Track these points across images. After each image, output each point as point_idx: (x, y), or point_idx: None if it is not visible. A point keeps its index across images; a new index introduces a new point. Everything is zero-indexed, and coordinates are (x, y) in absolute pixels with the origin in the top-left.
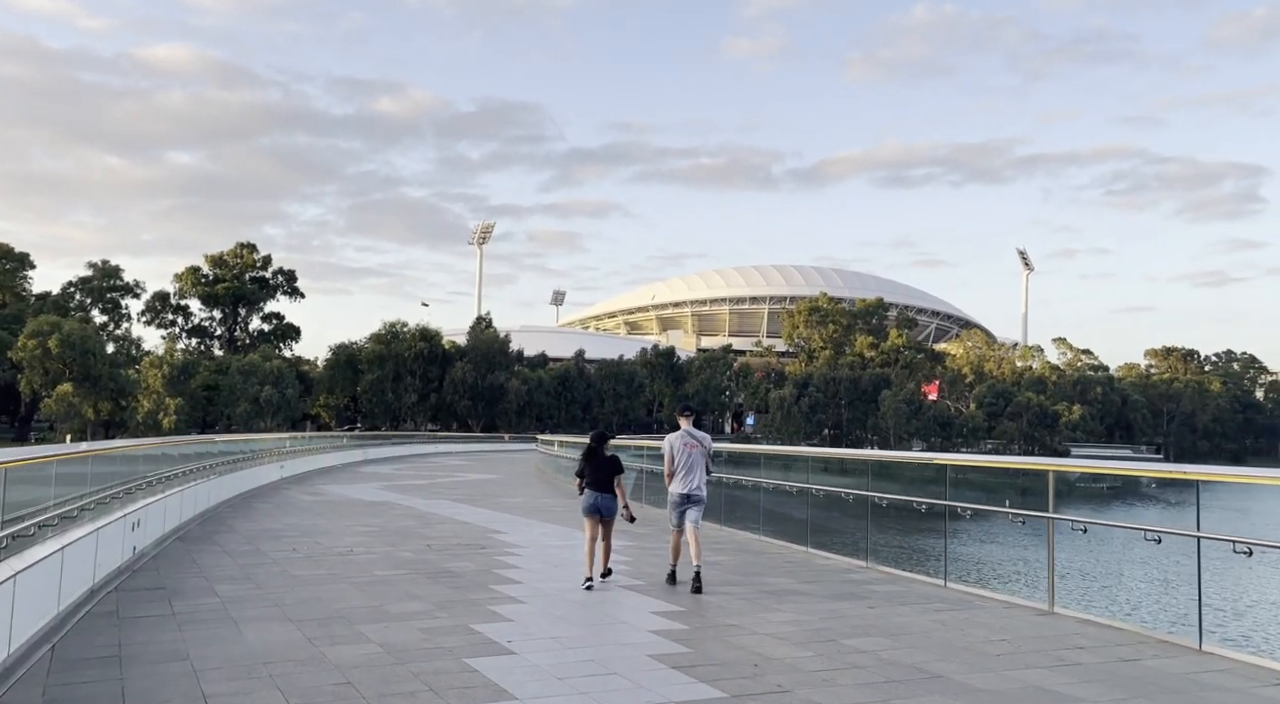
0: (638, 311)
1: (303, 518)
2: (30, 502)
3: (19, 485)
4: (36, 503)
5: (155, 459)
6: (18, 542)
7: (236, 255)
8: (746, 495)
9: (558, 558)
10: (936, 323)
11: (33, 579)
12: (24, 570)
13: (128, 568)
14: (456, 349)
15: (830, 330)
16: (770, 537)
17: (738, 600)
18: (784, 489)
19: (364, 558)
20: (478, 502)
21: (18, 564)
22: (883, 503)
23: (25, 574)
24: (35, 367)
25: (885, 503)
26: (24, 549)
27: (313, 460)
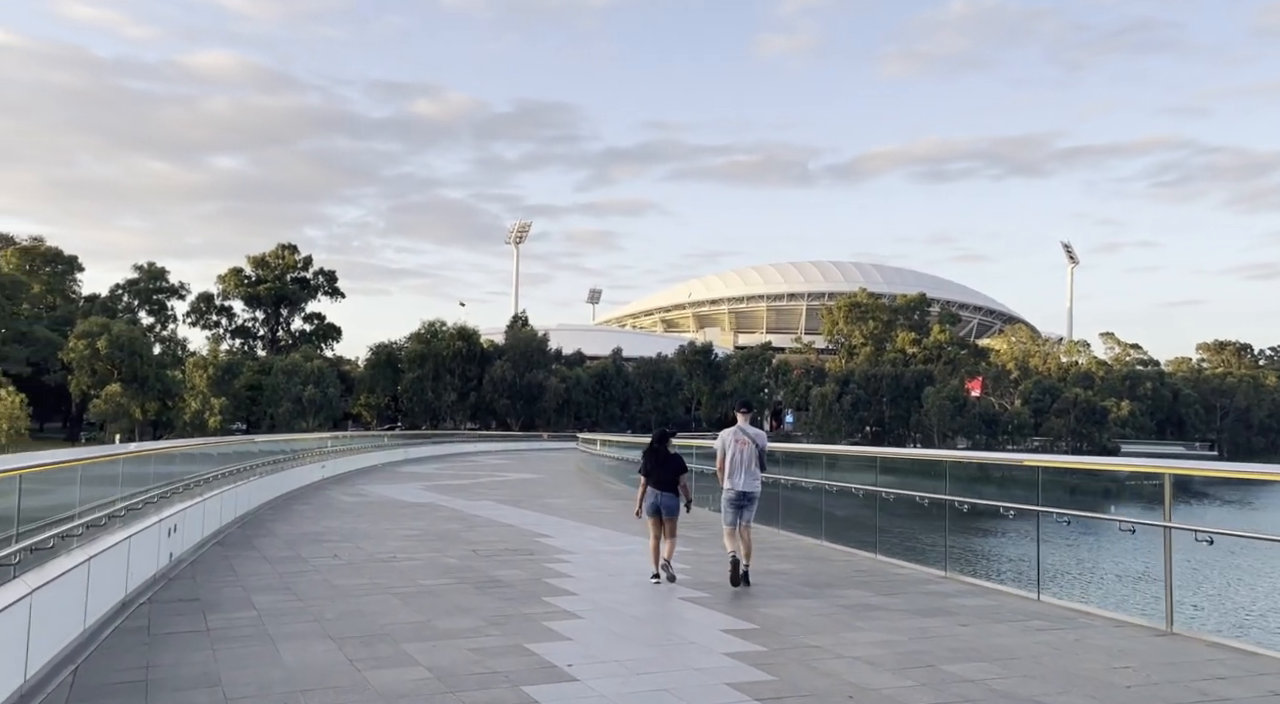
0: (674, 309)
1: (344, 520)
2: (53, 510)
3: (39, 493)
4: (60, 511)
5: (194, 460)
6: (36, 555)
7: (278, 256)
8: (805, 498)
9: (611, 565)
10: (979, 318)
11: (54, 596)
12: (42, 587)
13: (163, 576)
14: (495, 348)
15: (871, 326)
16: (834, 542)
17: (814, 616)
18: (848, 492)
19: (408, 565)
20: (521, 503)
21: (35, 581)
22: (963, 508)
23: (44, 591)
24: (84, 367)
25: (965, 507)
26: (44, 563)
27: (354, 460)
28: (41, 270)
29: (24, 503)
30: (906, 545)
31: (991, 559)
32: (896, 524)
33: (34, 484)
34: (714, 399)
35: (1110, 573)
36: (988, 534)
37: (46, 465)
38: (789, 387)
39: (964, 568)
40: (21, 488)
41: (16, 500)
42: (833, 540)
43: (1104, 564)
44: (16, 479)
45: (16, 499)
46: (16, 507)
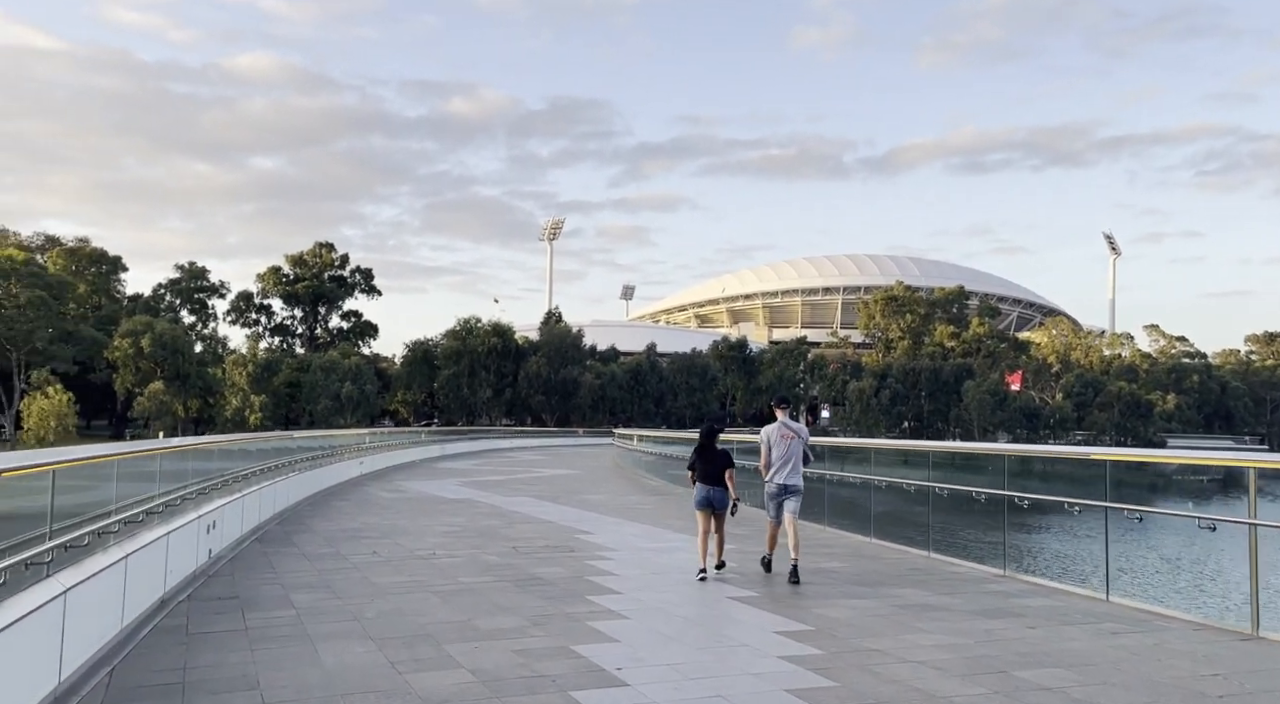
0: (708, 304)
1: (383, 517)
2: (90, 506)
3: (74, 489)
4: (97, 508)
5: (232, 456)
6: (71, 553)
7: (315, 255)
8: (852, 494)
9: (653, 563)
10: (1019, 311)
11: (89, 595)
12: (77, 586)
13: (202, 574)
14: (529, 344)
15: (908, 320)
16: (883, 539)
17: (871, 617)
18: (898, 487)
19: (447, 562)
20: (560, 499)
21: (69, 579)
22: (1023, 504)
23: (79, 590)
24: (129, 366)
25: (1026, 503)
26: (80, 561)
27: (392, 456)
28: (87, 271)
29: (58, 500)
30: (959, 542)
31: (1050, 557)
32: (948, 520)
33: (68, 480)
34: (749, 394)
35: (1162, 569)
36: (1042, 531)
37: (80, 460)
38: (825, 381)
39: (1023, 566)
40: (55, 484)
41: (50, 497)
42: (882, 537)
43: (1153, 561)
44: (49, 475)
45: (50, 496)
46: (50, 503)
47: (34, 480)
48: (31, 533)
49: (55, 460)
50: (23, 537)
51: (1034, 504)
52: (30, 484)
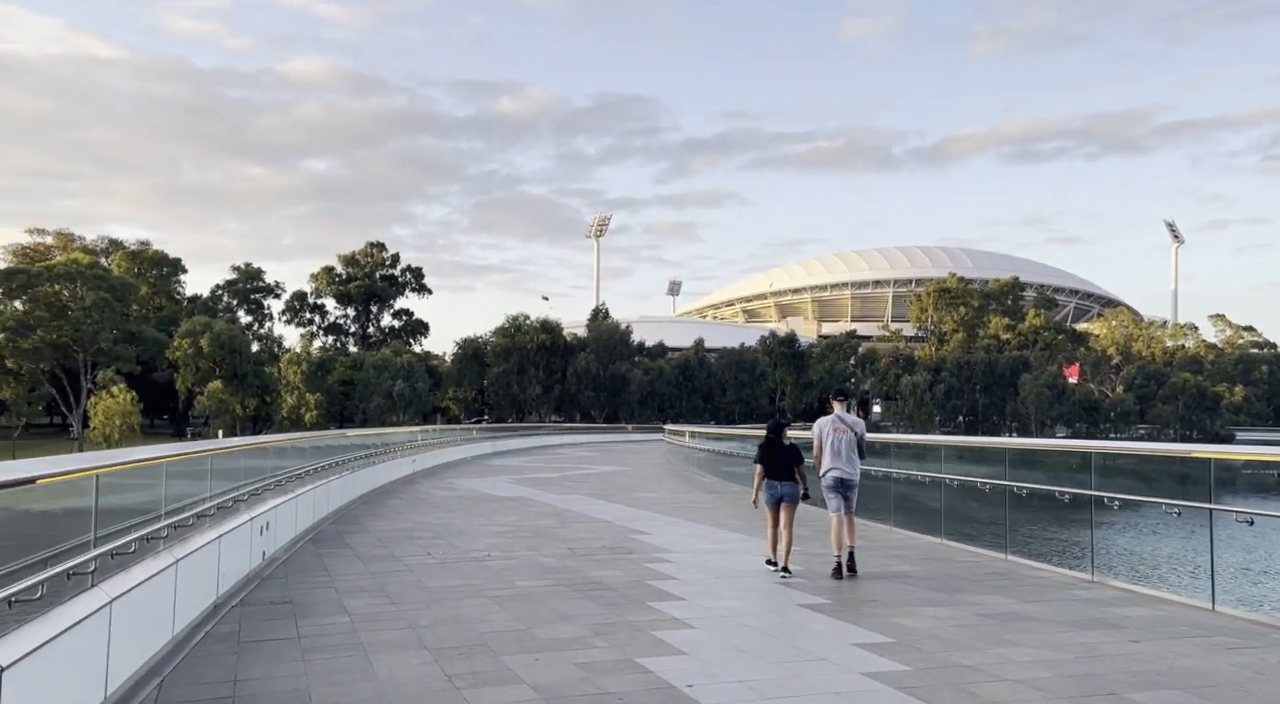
0: (755, 299)
1: (436, 516)
2: (137, 511)
3: (121, 493)
4: (144, 512)
5: (285, 455)
6: (118, 561)
7: (367, 255)
8: (920, 493)
9: (716, 566)
10: (1076, 302)
11: (136, 604)
12: (123, 596)
13: (256, 576)
14: (578, 341)
15: (962, 312)
16: (955, 541)
17: (954, 628)
18: (971, 486)
19: (503, 564)
20: (613, 497)
21: (114, 589)
22: (1113, 504)
23: (125, 600)
24: (189, 365)
25: (1117, 504)
26: (127, 568)
27: (444, 454)
28: (149, 273)
29: (103, 505)
30: (1038, 544)
31: (1138, 560)
32: (1020, 519)
33: (114, 484)
34: (798, 389)
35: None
36: (1127, 531)
37: (125, 465)
38: (877, 375)
39: (1113, 571)
40: (99, 489)
41: (93, 503)
42: (954, 538)
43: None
44: (92, 479)
45: (93, 501)
46: (94, 509)
47: (76, 486)
48: (75, 541)
49: (99, 465)
50: (66, 545)
51: (1114, 503)
52: (73, 490)
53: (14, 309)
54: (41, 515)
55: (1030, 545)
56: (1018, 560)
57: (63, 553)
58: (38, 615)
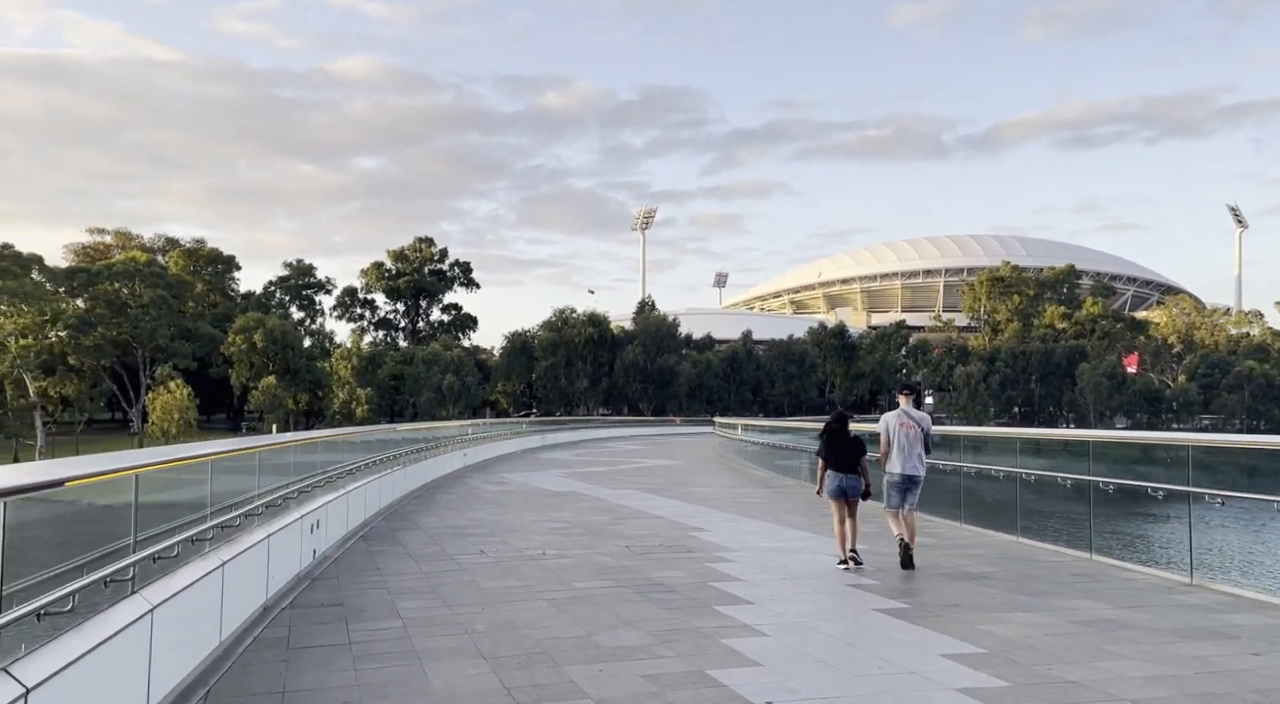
0: (803, 290)
1: (488, 511)
2: (181, 511)
3: (165, 493)
4: (189, 512)
5: (336, 450)
6: (160, 565)
7: (416, 250)
8: (990, 488)
9: (780, 566)
10: (1134, 290)
11: (181, 610)
12: (166, 602)
13: (307, 576)
14: (625, 333)
15: (1016, 301)
16: (1032, 538)
17: (1049, 637)
18: (1048, 482)
19: (559, 563)
20: (666, 492)
21: (156, 595)
22: (1216, 502)
23: (169, 606)
24: (243, 361)
25: (1220, 502)
26: (172, 572)
27: (494, 447)
28: (204, 270)
29: (145, 505)
30: (1119, 542)
31: (1235, 559)
32: (1103, 517)
33: (156, 484)
34: (849, 381)
35: None
36: (1213, 528)
37: (165, 463)
38: (929, 366)
39: (1211, 572)
40: (139, 488)
41: (133, 505)
42: (1029, 536)
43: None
44: (132, 480)
45: (133, 503)
46: (133, 511)
47: (115, 487)
48: (114, 545)
49: (137, 464)
50: (103, 549)
51: (1216, 501)
52: (113, 491)
53: (76, 307)
54: (79, 518)
55: (1112, 544)
56: (1104, 560)
57: (100, 558)
58: (72, 627)
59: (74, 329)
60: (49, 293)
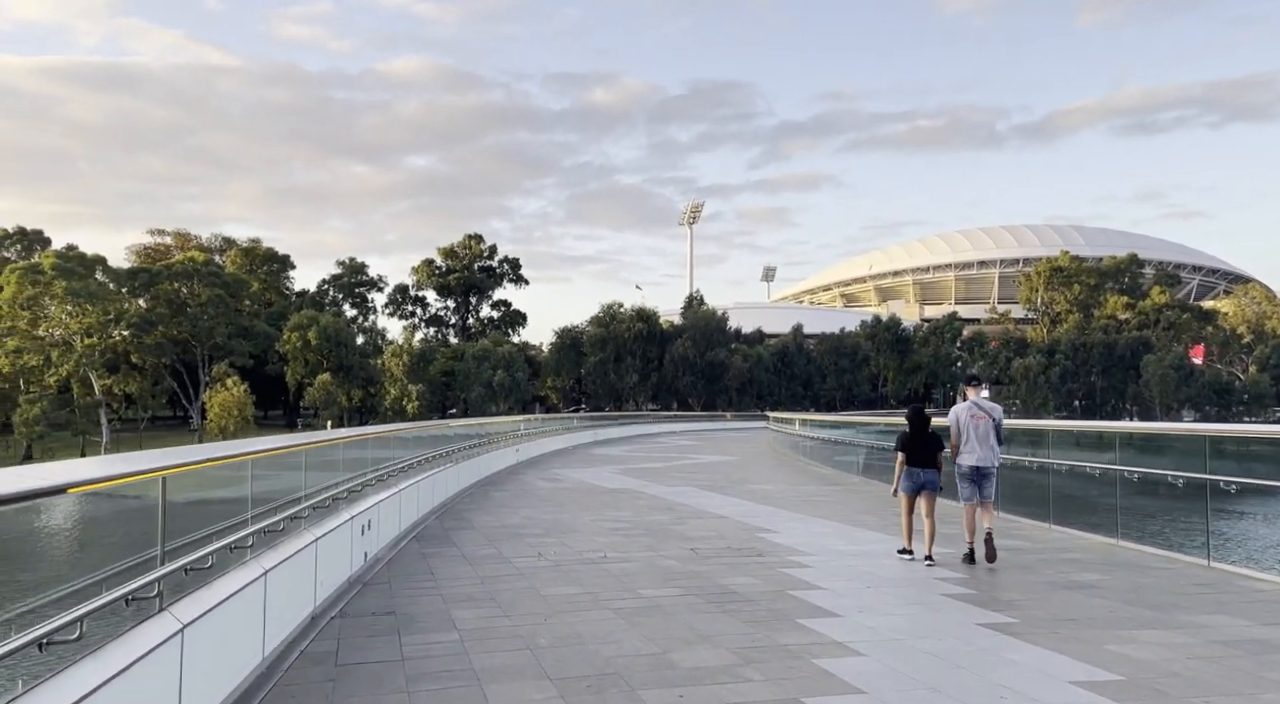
0: (854, 283)
1: (543, 510)
2: (217, 516)
3: (199, 495)
4: (227, 516)
5: (388, 446)
6: (193, 576)
7: (465, 247)
8: (1082, 487)
9: (862, 572)
10: (1199, 279)
11: (217, 626)
12: (199, 619)
13: (357, 580)
14: (673, 328)
15: (1075, 291)
16: (1136, 542)
17: (1193, 661)
18: (1155, 480)
19: (622, 568)
20: (725, 489)
21: (187, 612)
22: None
23: (202, 624)
24: (298, 358)
25: None
26: (208, 583)
27: (546, 443)
28: (260, 270)
29: (174, 512)
30: (1233, 547)
31: None
32: (1177, 510)
33: (187, 487)
34: (902, 375)
35: None
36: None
37: (194, 464)
38: (986, 359)
39: None
40: (166, 495)
41: (160, 511)
42: (1133, 540)
43: None
44: (159, 482)
45: (160, 509)
46: (160, 518)
47: (140, 491)
48: (140, 556)
49: (166, 465)
50: (126, 562)
51: None
52: (139, 493)
53: (137, 306)
54: (103, 526)
55: (1232, 549)
56: (1224, 567)
57: (122, 573)
58: (88, 655)
59: (136, 328)
60: (112, 293)
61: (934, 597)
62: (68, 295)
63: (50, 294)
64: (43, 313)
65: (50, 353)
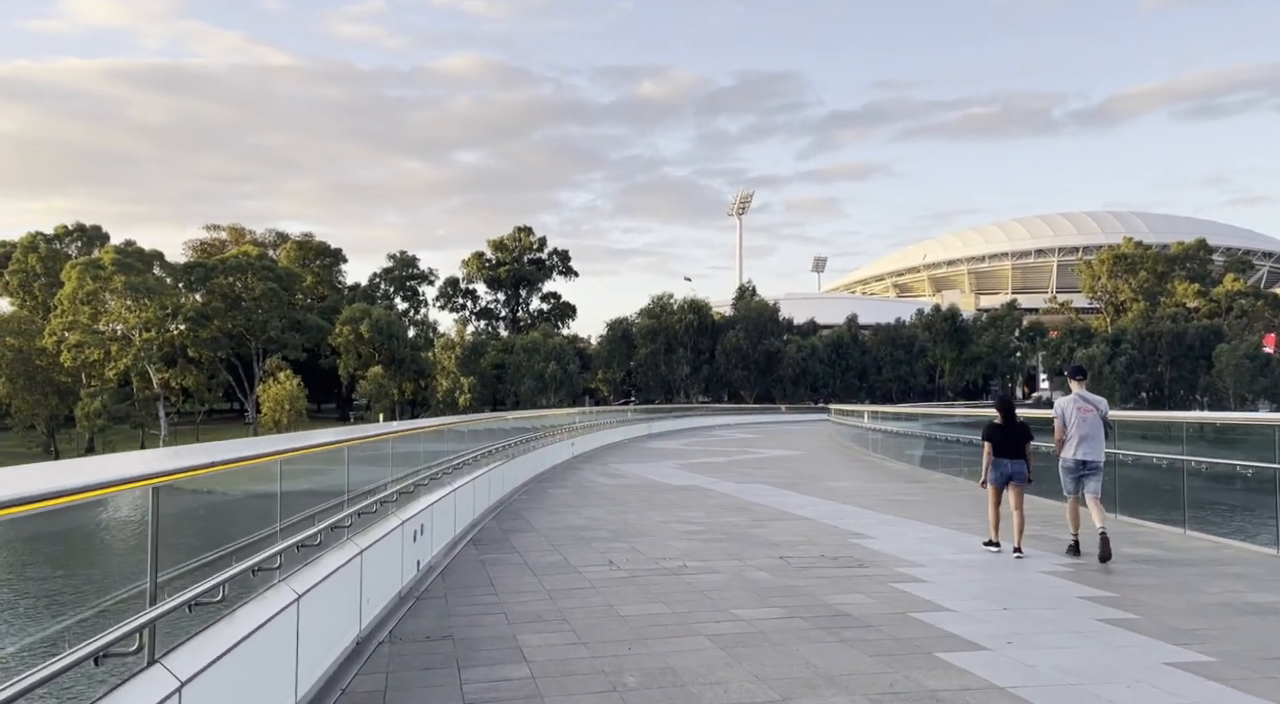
0: (908, 272)
1: (608, 509)
2: (238, 531)
3: (219, 504)
4: (253, 529)
5: (442, 440)
6: (198, 614)
7: (515, 239)
8: (1223, 489)
9: (987, 587)
10: (1269, 266)
11: (231, 674)
12: (203, 671)
13: (409, 593)
14: (725, 319)
15: (1141, 279)
16: (1253, 544)
17: None
18: None
19: (706, 581)
20: (800, 487)
21: (186, 665)
22: None
23: (211, 674)
24: (350, 351)
25: None
26: (232, 615)
27: (601, 436)
28: (313, 263)
29: (181, 527)
30: None
31: None
32: None
33: (193, 497)
34: (960, 365)
35: None
36: None
37: (191, 472)
38: (1047, 349)
39: None
40: (159, 508)
41: (278, 492)
42: (1255, 543)
43: None
44: (149, 493)
45: (278, 490)
46: (278, 498)
47: (121, 508)
48: (126, 589)
49: (279, 450)
50: (254, 536)
51: None
52: (124, 506)
53: (194, 301)
54: (223, 506)
55: None
56: None
57: (249, 545)
58: (222, 617)
59: (192, 322)
60: (169, 287)
61: (1089, 622)
62: (126, 290)
63: (110, 289)
64: (102, 307)
65: (110, 347)
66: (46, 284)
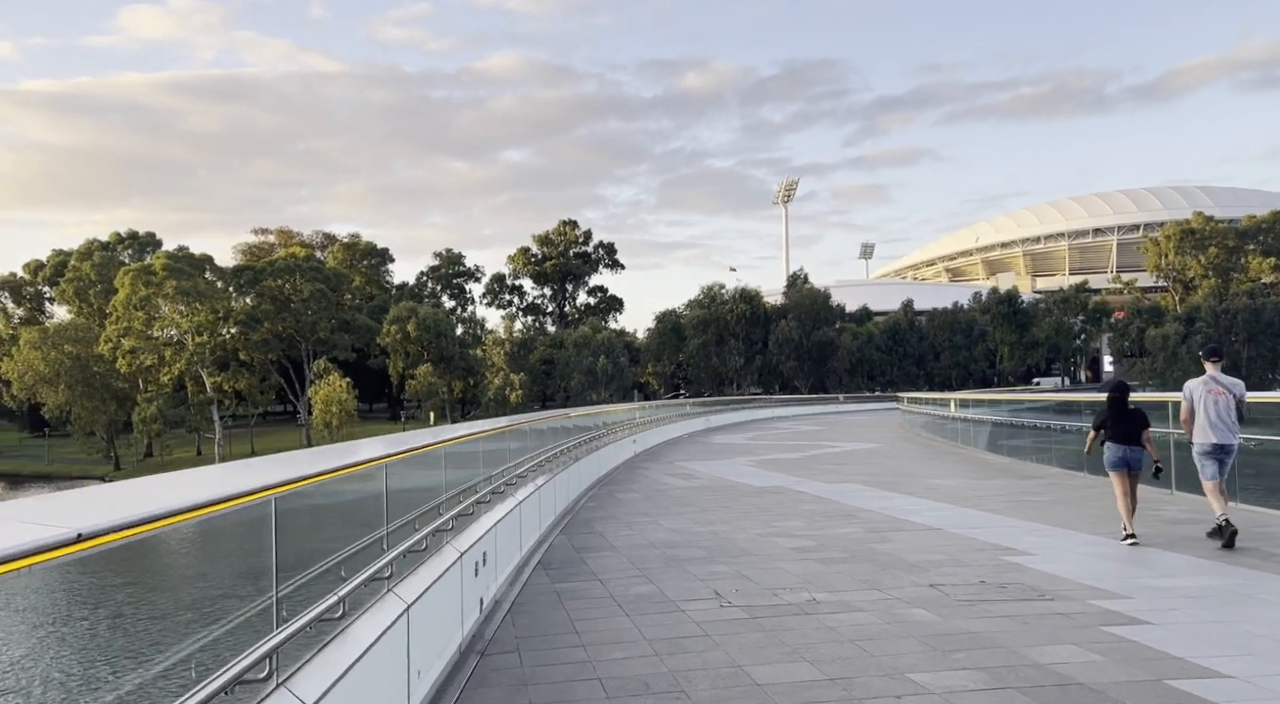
0: (960, 256)
1: (690, 517)
2: (240, 595)
3: (229, 546)
4: (263, 585)
5: (503, 441)
6: None
7: (560, 234)
8: None
9: (1246, 636)
10: None
11: (358, 686)
12: (326, 695)
13: (471, 646)
14: (776, 309)
15: (1211, 254)
16: None
17: None
18: None
19: (849, 622)
20: (900, 486)
21: (316, 681)
22: None
23: (337, 692)
24: (399, 350)
25: None
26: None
27: (661, 432)
28: (360, 264)
29: None
30: None
31: None
32: None
33: (199, 542)
34: (1020, 350)
35: None
36: None
37: (410, 451)
38: (1113, 331)
39: None
40: None
41: (384, 497)
42: None
43: None
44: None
45: (384, 494)
46: (385, 503)
47: None
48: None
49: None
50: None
51: None
52: None
53: (244, 304)
54: None
55: None
56: None
57: None
58: None
59: (243, 325)
60: (219, 291)
61: None
62: (178, 294)
63: (162, 294)
64: (156, 313)
65: (164, 352)
66: (102, 291)
